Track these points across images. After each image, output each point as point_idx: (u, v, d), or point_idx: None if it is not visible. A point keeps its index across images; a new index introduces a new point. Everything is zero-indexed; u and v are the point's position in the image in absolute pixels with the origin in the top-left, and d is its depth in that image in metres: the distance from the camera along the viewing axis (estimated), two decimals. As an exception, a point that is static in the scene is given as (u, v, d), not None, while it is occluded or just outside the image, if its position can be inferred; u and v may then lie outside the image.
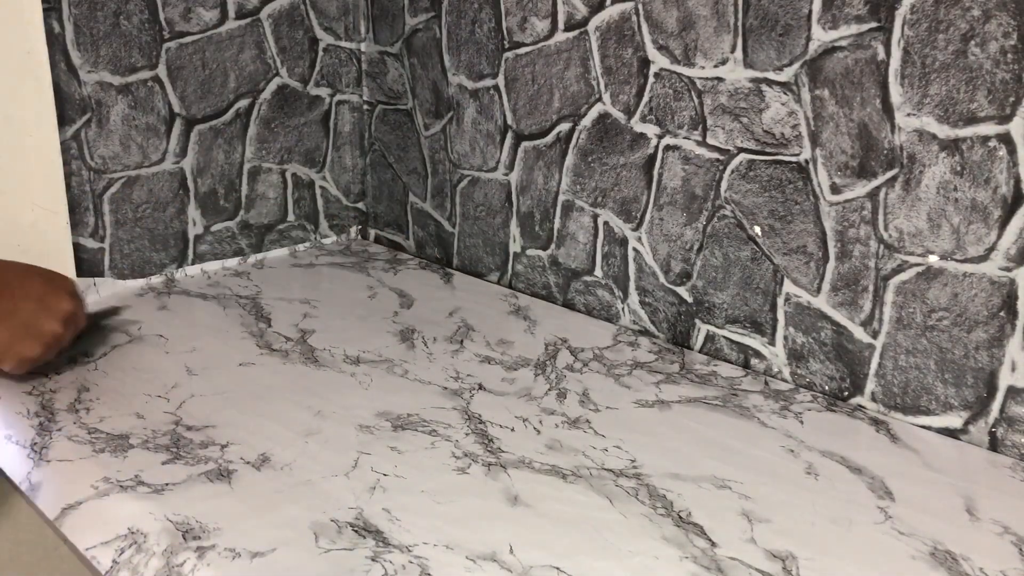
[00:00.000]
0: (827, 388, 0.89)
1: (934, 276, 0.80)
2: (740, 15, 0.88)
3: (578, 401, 0.86)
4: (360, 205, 1.38)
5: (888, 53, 0.79)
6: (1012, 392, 0.77)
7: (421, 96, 1.25)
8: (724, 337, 0.96)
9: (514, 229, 1.16)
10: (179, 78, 1.14)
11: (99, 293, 1.10)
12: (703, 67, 0.92)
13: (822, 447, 0.78)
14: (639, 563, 0.62)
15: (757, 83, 0.88)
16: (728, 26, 0.89)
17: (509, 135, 1.14)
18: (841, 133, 0.83)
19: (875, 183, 0.82)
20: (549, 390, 0.88)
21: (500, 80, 1.13)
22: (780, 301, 0.91)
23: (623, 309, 1.06)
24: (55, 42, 1.03)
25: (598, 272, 1.08)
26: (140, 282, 1.14)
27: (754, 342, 0.94)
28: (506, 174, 1.15)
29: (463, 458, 0.75)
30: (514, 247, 1.17)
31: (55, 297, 0.82)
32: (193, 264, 1.20)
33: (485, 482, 0.71)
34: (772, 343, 0.92)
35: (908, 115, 0.78)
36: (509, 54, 1.11)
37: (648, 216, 1.00)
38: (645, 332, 1.04)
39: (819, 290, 0.88)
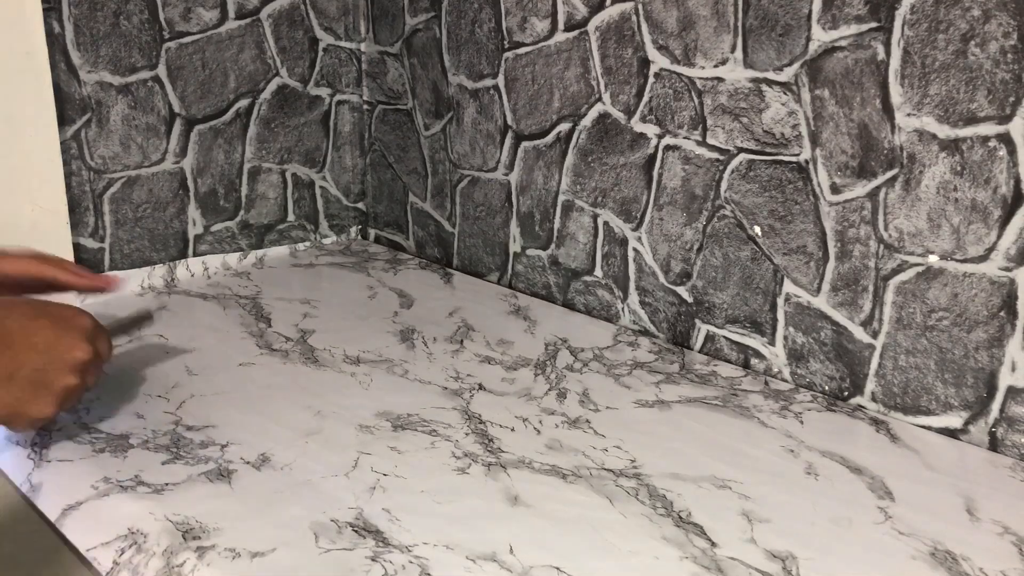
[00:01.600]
0: (827, 388, 0.89)
1: (934, 276, 0.80)
2: (740, 15, 0.88)
3: (578, 401, 0.86)
4: (360, 205, 1.38)
5: (888, 53, 0.79)
6: (1012, 392, 0.77)
7: (421, 96, 1.25)
8: (724, 337, 0.96)
9: (514, 229, 1.16)
10: (179, 78, 1.14)
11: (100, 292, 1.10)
12: (703, 67, 0.92)
13: (822, 447, 0.78)
14: (639, 563, 0.62)
15: (757, 83, 0.88)
16: (728, 26, 0.89)
17: (509, 135, 1.14)
18: (841, 133, 0.83)
19: (875, 183, 0.82)
20: (549, 390, 0.88)
21: (500, 80, 1.13)
22: (780, 301, 0.91)
23: (623, 309, 1.06)
24: (55, 42, 1.03)
25: (598, 272, 1.08)
26: (140, 281, 1.14)
27: (754, 342, 0.94)
28: (506, 174, 1.15)
29: (463, 458, 0.75)
30: (514, 247, 1.17)
31: (66, 345, 0.69)
32: (196, 256, 1.20)
33: (485, 482, 0.71)
34: (772, 343, 0.92)
35: (908, 115, 0.78)
36: (509, 54, 1.11)
37: (648, 216, 1.00)
38: (645, 332, 1.04)
39: (819, 290, 0.88)
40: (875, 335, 0.84)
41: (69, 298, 1.05)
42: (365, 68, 1.32)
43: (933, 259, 0.79)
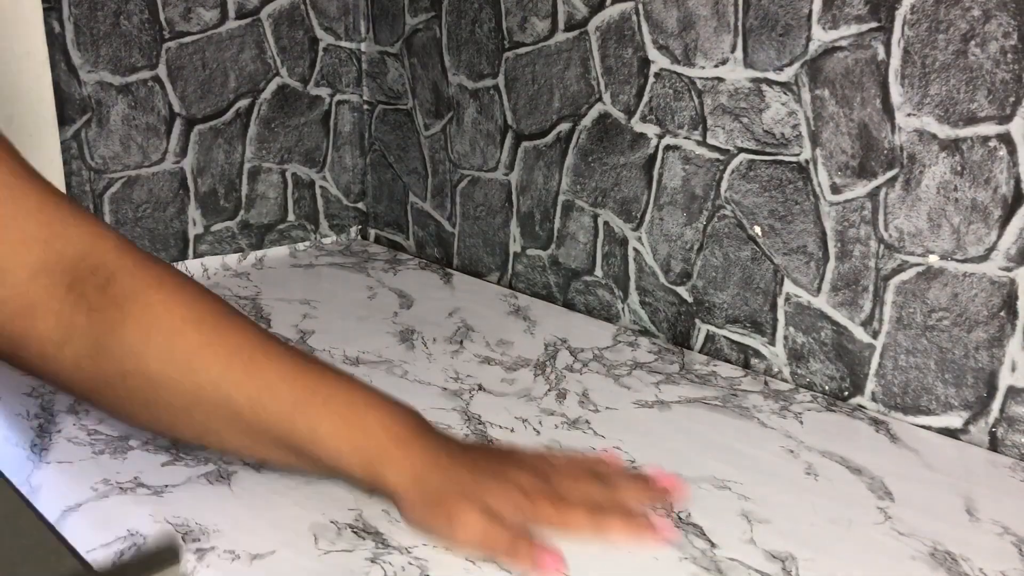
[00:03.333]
0: (827, 388, 0.89)
1: (934, 276, 0.79)
2: (740, 15, 0.88)
3: (578, 402, 0.86)
4: (360, 205, 1.38)
5: (888, 53, 0.79)
6: (1012, 392, 0.77)
7: (421, 96, 1.25)
8: (724, 337, 0.96)
9: (514, 229, 1.16)
10: (179, 78, 1.14)
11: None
12: (703, 67, 0.92)
13: (822, 447, 0.78)
14: (638, 563, 0.62)
15: (757, 83, 0.88)
16: (728, 26, 0.89)
17: (509, 135, 1.14)
18: (841, 133, 0.83)
19: (875, 183, 0.82)
20: (549, 390, 0.88)
21: (500, 80, 1.13)
22: (780, 301, 0.91)
23: (623, 309, 1.06)
24: (55, 42, 1.03)
25: (598, 272, 1.08)
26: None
27: (754, 342, 0.94)
28: (506, 174, 1.15)
29: (463, 459, 0.75)
30: (514, 247, 1.17)
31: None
32: (196, 257, 1.20)
33: (485, 483, 0.71)
34: (772, 343, 0.92)
35: (908, 115, 0.78)
36: (509, 54, 1.11)
37: (648, 216, 1.00)
38: (645, 332, 1.04)
39: (819, 290, 0.88)
40: (875, 335, 0.84)
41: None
42: (365, 68, 1.32)
43: (933, 259, 0.79)
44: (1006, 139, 0.73)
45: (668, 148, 0.97)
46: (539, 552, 0.59)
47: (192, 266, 1.20)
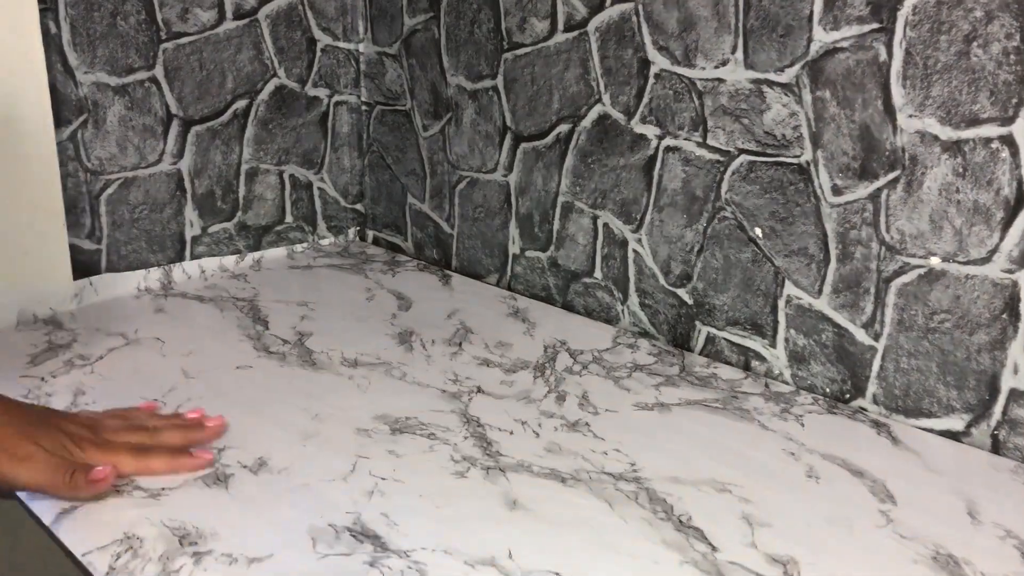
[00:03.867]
0: (828, 390, 0.89)
1: (936, 278, 0.79)
2: (741, 16, 0.87)
3: (577, 404, 0.85)
4: (358, 206, 1.38)
5: (890, 54, 0.78)
6: (1014, 395, 0.77)
7: (420, 97, 1.24)
8: (724, 339, 0.96)
9: (513, 231, 1.16)
10: (176, 79, 1.14)
11: (97, 294, 1.09)
12: (704, 68, 0.91)
13: (823, 450, 0.78)
14: (639, 567, 0.61)
15: (758, 84, 0.87)
16: (729, 27, 0.88)
17: (508, 136, 1.13)
18: (842, 134, 0.83)
19: (877, 184, 0.81)
20: (548, 393, 0.87)
21: (499, 81, 1.12)
22: (781, 303, 0.91)
23: (623, 311, 1.05)
24: (51, 43, 1.03)
25: (598, 274, 1.07)
26: (136, 283, 1.14)
27: (755, 344, 0.93)
28: (505, 175, 1.15)
29: (462, 461, 0.74)
30: (513, 249, 1.17)
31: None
32: (193, 258, 1.19)
33: (484, 486, 0.71)
34: (773, 345, 0.92)
35: (910, 116, 0.78)
36: (508, 55, 1.10)
37: (648, 218, 1.00)
38: (645, 334, 1.03)
39: (820, 292, 0.87)
40: (877, 337, 0.84)
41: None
42: (363, 69, 1.32)
43: (935, 261, 0.79)
44: (1008, 141, 0.73)
45: (668, 149, 0.97)
46: (93, 473, 0.66)
47: (189, 268, 1.19)
